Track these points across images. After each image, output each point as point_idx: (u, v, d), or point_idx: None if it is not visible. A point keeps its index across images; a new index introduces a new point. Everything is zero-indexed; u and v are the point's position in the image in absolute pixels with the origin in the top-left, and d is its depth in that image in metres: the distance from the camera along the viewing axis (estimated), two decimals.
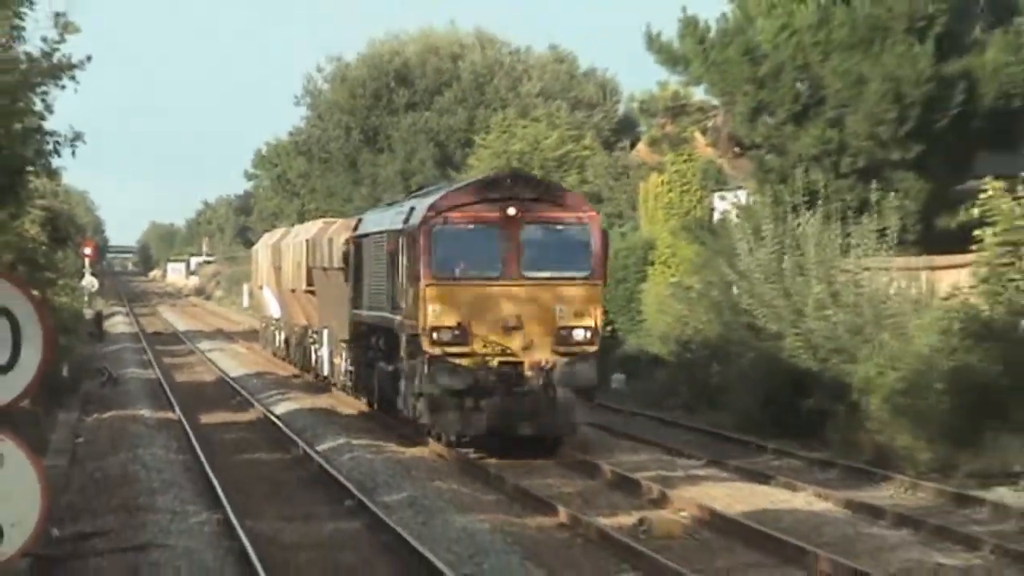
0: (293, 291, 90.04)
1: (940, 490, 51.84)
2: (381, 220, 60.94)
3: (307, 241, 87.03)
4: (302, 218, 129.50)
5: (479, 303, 42.68)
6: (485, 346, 41.92)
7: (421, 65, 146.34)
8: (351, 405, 79.04)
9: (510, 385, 41.24)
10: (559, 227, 43.75)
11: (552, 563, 42.65)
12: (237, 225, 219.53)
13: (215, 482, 54.52)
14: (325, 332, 77.36)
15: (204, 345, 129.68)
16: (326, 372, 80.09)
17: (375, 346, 57.74)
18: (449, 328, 42.05)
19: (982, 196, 65.47)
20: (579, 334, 42.55)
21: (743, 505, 50.00)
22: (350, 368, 69.15)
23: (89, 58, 53.93)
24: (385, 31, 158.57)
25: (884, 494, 51.33)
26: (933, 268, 74.28)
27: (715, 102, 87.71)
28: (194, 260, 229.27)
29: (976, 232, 64.97)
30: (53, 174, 69.30)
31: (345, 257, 71.44)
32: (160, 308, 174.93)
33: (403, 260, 47.24)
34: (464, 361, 41.56)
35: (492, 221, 43.17)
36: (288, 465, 63.71)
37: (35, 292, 21.75)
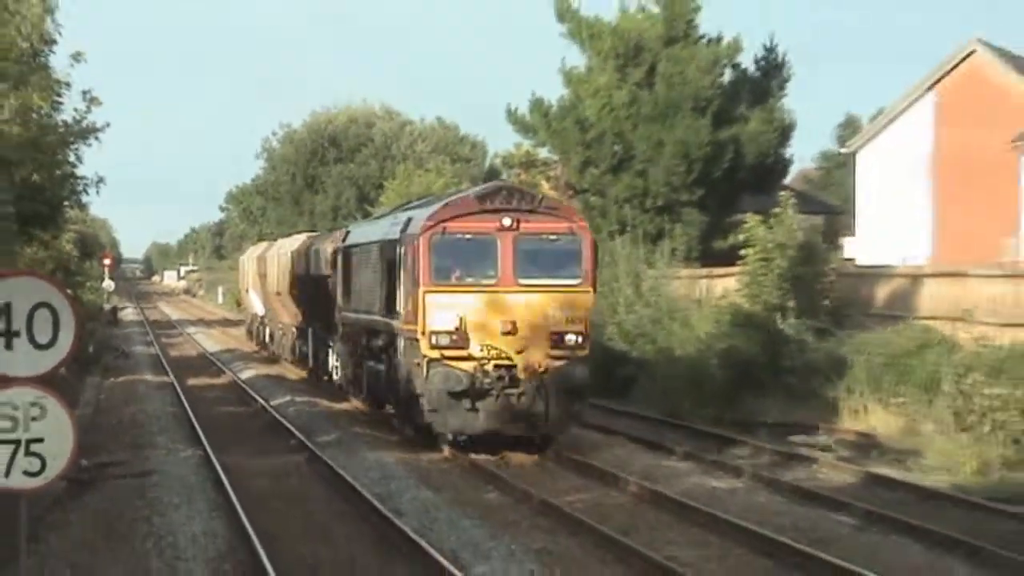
0: (278, 294, 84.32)
1: (714, 435, 52.32)
2: (372, 231, 54.06)
3: (292, 252, 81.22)
4: (260, 239, 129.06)
5: (476, 308, 38.48)
6: (482, 350, 37.96)
7: (345, 130, 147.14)
8: (296, 373, 77.59)
9: (506, 387, 37.38)
10: (552, 237, 39.41)
11: (438, 484, 41.78)
12: (213, 244, 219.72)
13: (197, 427, 54.70)
14: (310, 331, 72.88)
15: (190, 330, 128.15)
16: (311, 365, 73.28)
17: (365, 345, 51.59)
18: (447, 332, 37.62)
19: (745, 226, 66.98)
20: (571, 338, 38.46)
21: (575, 445, 48.60)
22: (336, 364, 63.42)
23: (108, 124, 54.26)
24: (320, 105, 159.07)
25: (675, 437, 51.47)
26: (710, 277, 76.24)
27: (555, 158, 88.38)
28: (183, 269, 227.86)
29: (741, 251, 66.88)
30: (83, 207, 70.31)
31: (333, 265, 63.93)
32: (159, 303, 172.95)
33: (401, 267, 41.88)
34: (462, 364, 37.60)
35: (489, 231, 38.81)
36: (250, 415, 63.39)
37: (69, 291, 22.66)
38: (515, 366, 37.43)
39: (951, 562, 32.42)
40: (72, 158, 56.08)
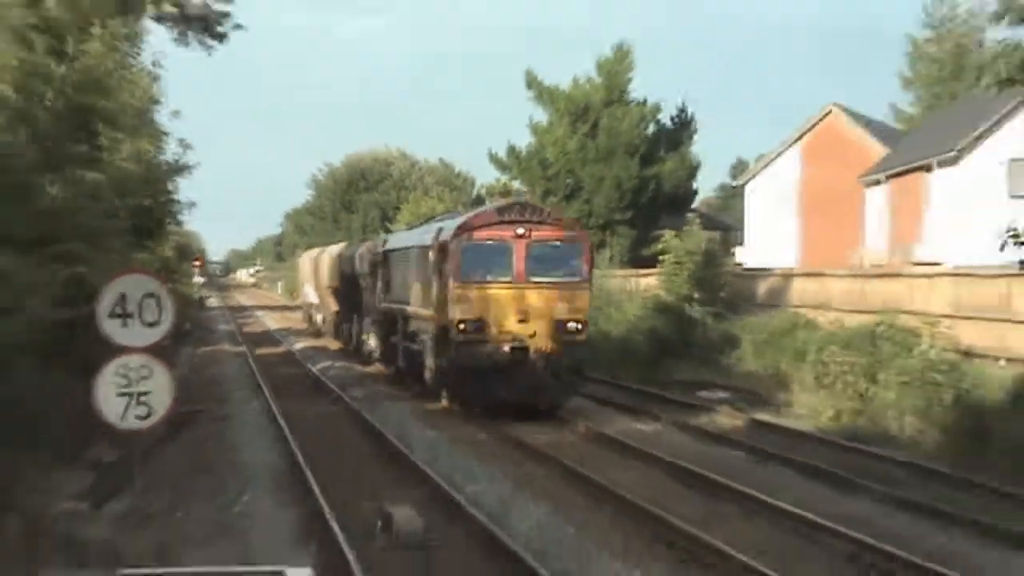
0: (327, 287, 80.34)
1: (642, 391, 52.26)
2: (407, 239, 52.04)
3: (336, 256, 78.04)
4: (309, 247, 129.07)
5: (495, 301, 37.01)
6: (499, 335, 36.63)
7: (371, 168, 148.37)
8: (336, 345, 75.17)
9: (519, 366, 36.12)
10: (557, 243, 38.05)
11: (439, 425, 40.95)
12: (274, 251, 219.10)
13: (263, 384, 54.83)
14: (348, 315, 70.48)
15: (258, 313, 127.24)
16: (348, 340, 70.35)
17: (399, 329, 49.46)
18: (472, 320, 36.40)
19: (663, 239, 67.20)
20: (572, 326, 37.18)
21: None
22: (365, 339, 60.57)
23: (198, 163, 54.29)
24: (354, 149, 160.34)
25: (614, 395, 51.14)
26: (638, 276, 75.75)
27: (524, 189, 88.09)
28: (252, 268, 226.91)
29: (660, 257, 66.69)
30: (179, 223, 70.14)
31: (372, 265, 60.34)
32: (235, 293, 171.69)
33: (434, 267, 39.96)
34: (483, 347, 36.37)
35: (506, 238, 37.38)
36: (301, 376, 62.09)
37: (169, 285, 22.71)
38: (527, 348, 36.31)
39: (818, 484, 32.45)
40: (171, 188, 56.10)
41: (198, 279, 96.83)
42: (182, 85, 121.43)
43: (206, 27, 51.62)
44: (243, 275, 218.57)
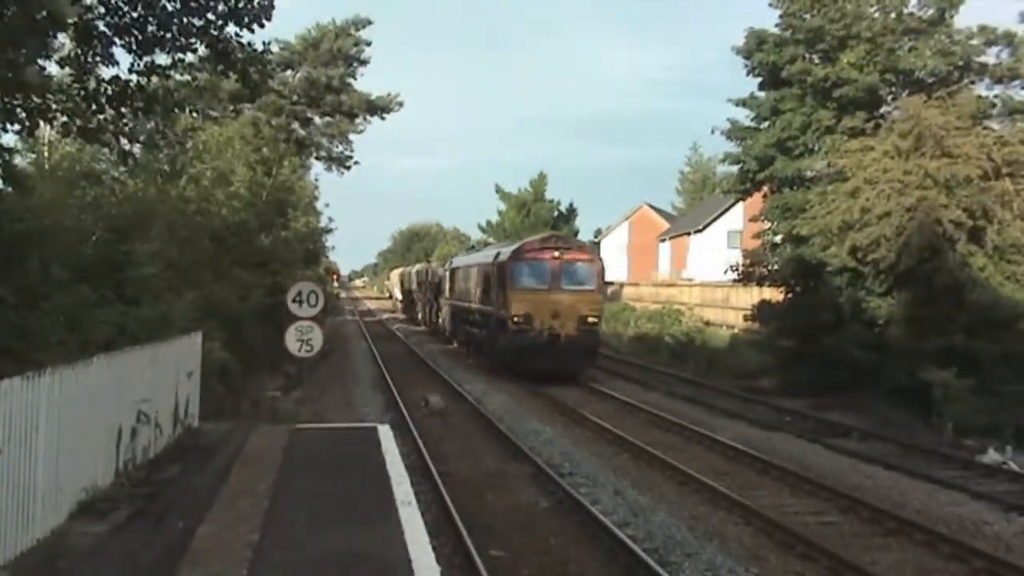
0: (415, 291, 70.51)
1: None
2: (468, 260, 44.29)
3: (417, 271, 71.17)
4: (393, 268, 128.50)
5: (538, 302, 32.06)
6: (541, 325, 31.84)
7: (420, 230, 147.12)
8: (424, 329, 68.20)
9: (554, 346, 31.67)
10: (580, 263, 33.04)
11: (451, 353, 41.68)
12: (373, 270, 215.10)
13: (367, 336, 54.63)
14: (440, 311, 55.62)
15: (367, 303, 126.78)
16: (441, 329, 54.47)
17: (466, 319, 41.87)
18: (522, 315, 31.76)
19: None
20: (591, 320, 32.27)
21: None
22: (448, 326, 49.83)
23: (337, 227, 54.34)
24: (412, 220, 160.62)
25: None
26: None
27: (492, 241, 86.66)
28: (362, 280, 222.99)
29: None
30: (327, 256, 69.57)
31: (445, 277, 50.67)
32: (353, 292, 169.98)
33: (495, 278, 34.55)
34: (529, 333, 31.69)
35: (546, 259, 32.70)
36: (386, 332, 60.87)
37: (322, 287, 22.66)
38: (559, 335, 31.59)
39: (634, 386, 32.40)
40: (323, 240, 55.99)
41: (335, 285, 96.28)
42: (328, 189, 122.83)
43: (341, 163, 51.79)
44: (358, 283, 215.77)
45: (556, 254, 33.01)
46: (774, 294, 34.73)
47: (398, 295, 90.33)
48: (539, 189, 76.63)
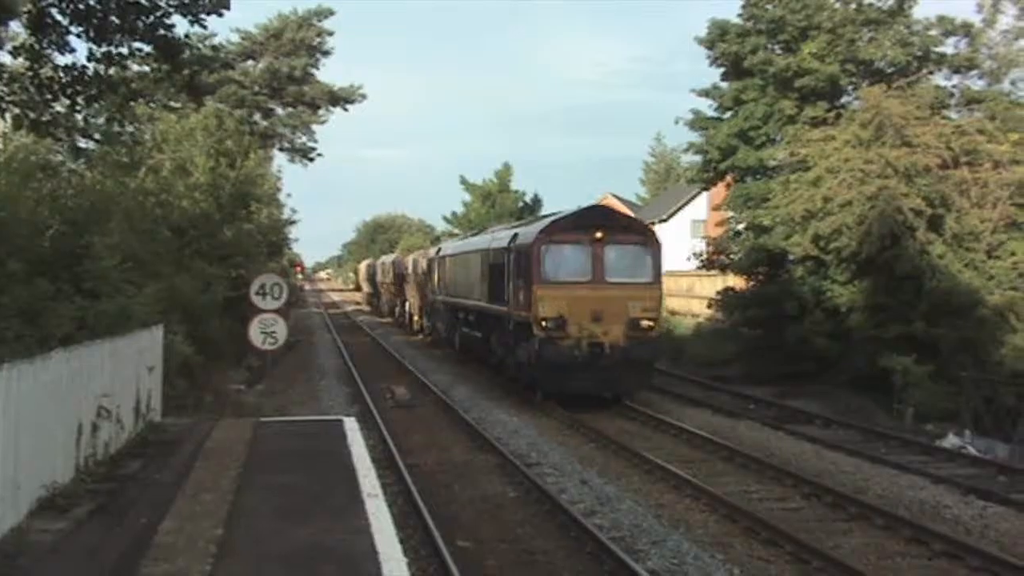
0: (382, 283, 67.08)
1: None
2: (467, 245, 35.27)
3: (381, 263, 67.45)
4: (358, 261, 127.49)
5: (575, 300, 24.01)
6: (579, 331, 23.85)
7: (385, 221, 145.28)
8: (390, 321, 67.07)
9: (596, 360, 23.72)
10: (632, 246, 24.84)
11: (418, 344, 41.51)
12: (336, 263, 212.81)
13: (332, 328, 54.40)
14: (407, 303, 54.08)
15: (331, 294, 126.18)
16: (406, 320, 54.06)
17: (463, 320, 33.88)
18: (553, 318, 23.68)
19: None
20: (646, 323, 24.01)
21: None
22: (428, 325, 44.06)
23: (300, 219, 54.13)
24: (376, 211, 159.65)
25: None
26: None
27: (459, 233, 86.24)
28: (326, 272, 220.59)
29: None
30: (290, 248, 69.14)
31: (428, 268, 42.41)
32: (318, 284, 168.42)
33: (512, 268, 26.04)
34: (563, 343, 23.79)
35: (585, 241, 24.39)
36: (350, 324, 60.39)
37: (286, 279, 22.53)
38: (603, 344, 23.74)
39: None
40: (286, 232, 55.69)
41: (299, 277, 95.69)
42: (291, 180, 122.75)
43: (304, 154, 51.46)
44: (322, 275, 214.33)
45: (599, 234, 24.80)
46: (738, 282, 34.85)
47: (368, 288, 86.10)
48: (504, 180, 76.52)
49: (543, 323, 23.86)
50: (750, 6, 33.96)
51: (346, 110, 50.59)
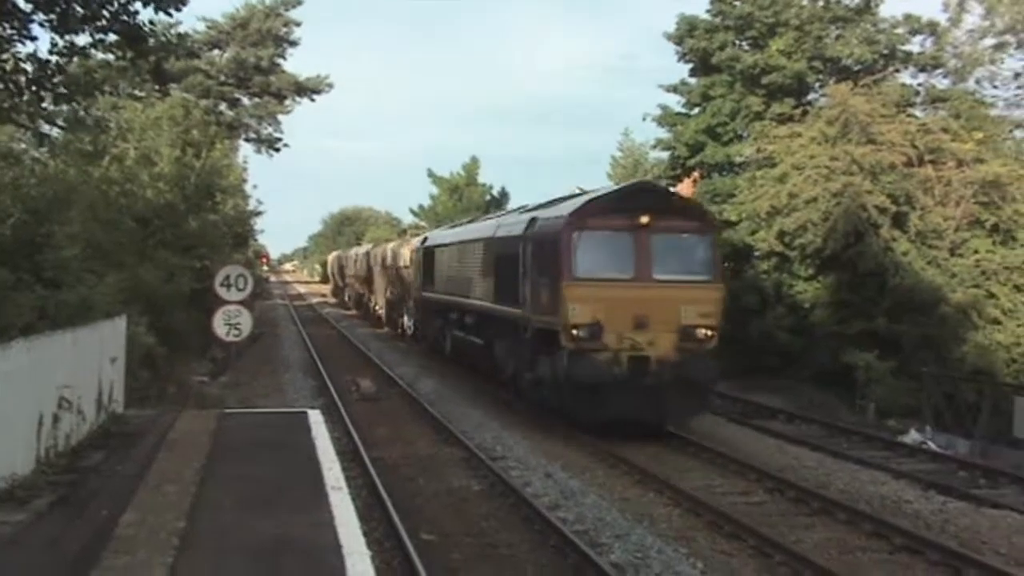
0: (353, 276, 64.92)
1: None
2: (463, 232, 29.89)
3: (367, 253, 59.84)
4: (325, 253, 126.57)
5: (613, 302, 18.98)
6: (618, 342, 18.85)
7: (352, 214, 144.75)
8: (357, 313, 63.65)
9: (638, 379, 18.87)
10: (684, 235, 19.63)
11: (383, 337, 41.78)
12: (303, 254, 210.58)
13: (297, 320, 54.21)
14: (374, 296, 51.89)
15: (297, 286, 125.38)
16: (379, 315, 50.73)
17: (457, 323, 28.92)
18: (587, 325, 18.78)
19: None
20: (701, 332, 19.12)
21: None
22: (419, 330, 37.53)
23: (265, 211, 53.82)
24: (343, 204, 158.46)
25: None
26: None
27: (425, 224, 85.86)
28: (292, 264, 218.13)
29: None
30: (256, 239, 68.49)
31: (412, 260, 37.10)
32: (283, 275, 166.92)
33: (532, 261, 20.90)
34: (598, 357, 18.88)
35: (627, 227, 19.25)
36: (319, 317, 60.63)
37: (251, 270, 22.40)
38: (648, 358, 18.85)
39: None
40: (252, 223, 55.30)
41: (265, 268, 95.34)
42: (257, 171, 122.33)
43: (270, 145, 51.21)
44: (288, 266, 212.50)
45: (644, 219, 19.48)
46: None
47: (336, 281, 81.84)
48: (472, 173, 76.40)
49: (574, 331, 19.02)
50: (718, 2, 34.12)
51: (313, 100, 50.48)
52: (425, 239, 35.64)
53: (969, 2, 32.80)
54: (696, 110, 35.04)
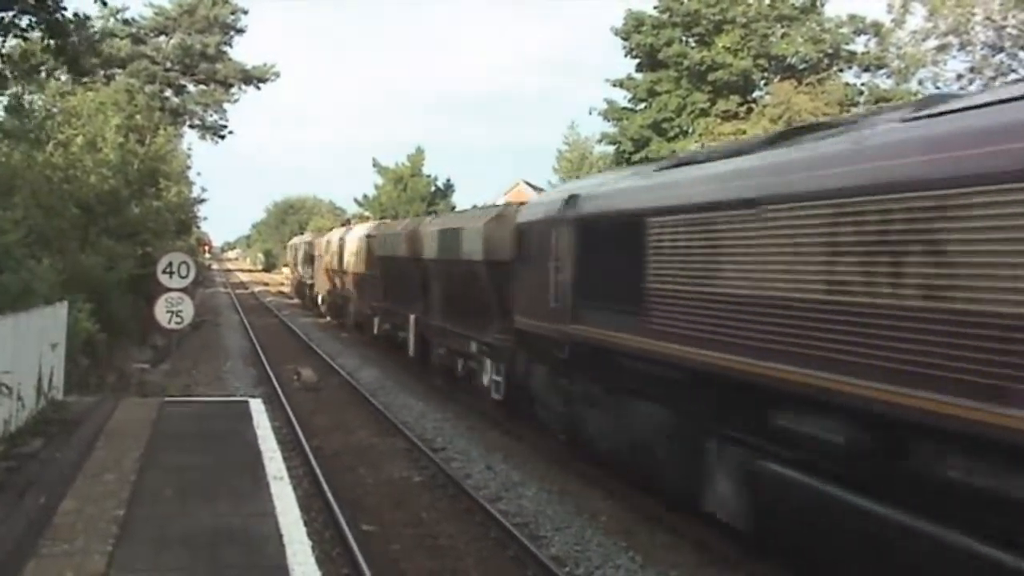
0: (328, 269, 55.82)
1: None
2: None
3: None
4: (266, 242, 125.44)
5: None
6: None
7: (296, 203, 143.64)
8: (297, 303, 66.23)
9: None
10: None
11: (325, 326, 41.83)
12: (246, 242, 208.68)
13: (239, 308, 53.90)
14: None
15: (240, 274, 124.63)
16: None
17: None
18: None
19: None
20: None
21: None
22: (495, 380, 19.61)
23: (208, 199, 53.55)
24: (287, 194, 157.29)
25: None
26: None
27: (369, 215, 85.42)
28: (235, 252, 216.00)
29: None
30: (198, 227, 67.88)
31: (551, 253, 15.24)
32: (226, 263, 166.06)
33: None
34: None
35: None
36: (262, 306, 59.93)
37: (193, 258, 22.30)
38: None
39: None
40: (195, 210, 54.95)
41: (207, 256, 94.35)
42: (201, 158, 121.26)
43: (215, 132, 50.84)
44: (230, 254, 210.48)
45: None
46: None
47: (301, 272, 59.92)
48: (416, 164, 76.21)
49: None
50: None
51: (259, 89, 50.12)
52: (574, 198, 15.08)
53: (913, 3, 33.31)
54: (642, 105, 35.32)
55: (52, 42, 13.47)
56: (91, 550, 8.17)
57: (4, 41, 12.83)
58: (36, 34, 14.44)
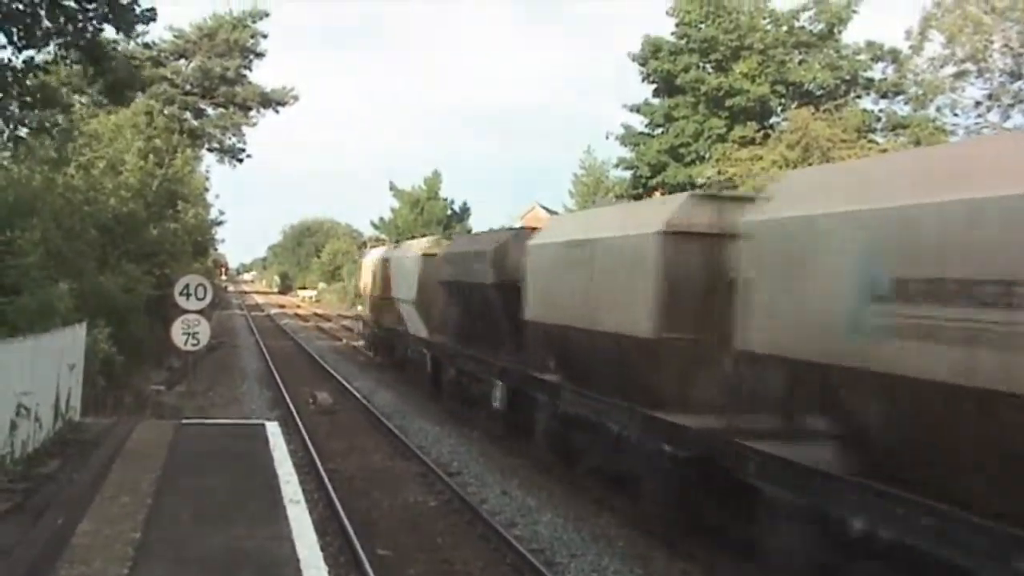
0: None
1: None
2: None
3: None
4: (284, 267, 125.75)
5: None
6: None
7: (312, 225, 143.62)
8: (311, 325, 67.63)
9: None
10: None
11: (338, 347, 42.29)
12: (262, 265, 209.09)
13: (255, 330, 53.99)
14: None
15: (255, 297, 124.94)
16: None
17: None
18: None
19: None
20: None
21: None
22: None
23: (227, 220, 53.74)
24: (304, 216, 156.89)
25: None
26: None
27: (385, 238, 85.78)
28: (250, 274, 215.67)
29: None
30: (216, 249, 68.16)
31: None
32: (242, 286, 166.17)
33: None
34: None
35: None
36: (276, 328, 60.12)
37: (210, 280, 22.39)
38: None
39: None
40: (212, 232, 55.21)
41: (224, 278, 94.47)
42: (218, 180, 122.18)
43: (234, 155, 51.09)
44: (247, 276, 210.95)
45: None
46: None
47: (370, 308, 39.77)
48: (433, 187, 76.47)
49: None
50: (683, 25, 34.46)
51: (277, 112, 50.28)
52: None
53: (931, 31, 33.29)
54: (659, 130, 35.36)
55: (92, 68, 13.59)
56: (108, 572, 8.19)
57: (33, 74, 12.92)
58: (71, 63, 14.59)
